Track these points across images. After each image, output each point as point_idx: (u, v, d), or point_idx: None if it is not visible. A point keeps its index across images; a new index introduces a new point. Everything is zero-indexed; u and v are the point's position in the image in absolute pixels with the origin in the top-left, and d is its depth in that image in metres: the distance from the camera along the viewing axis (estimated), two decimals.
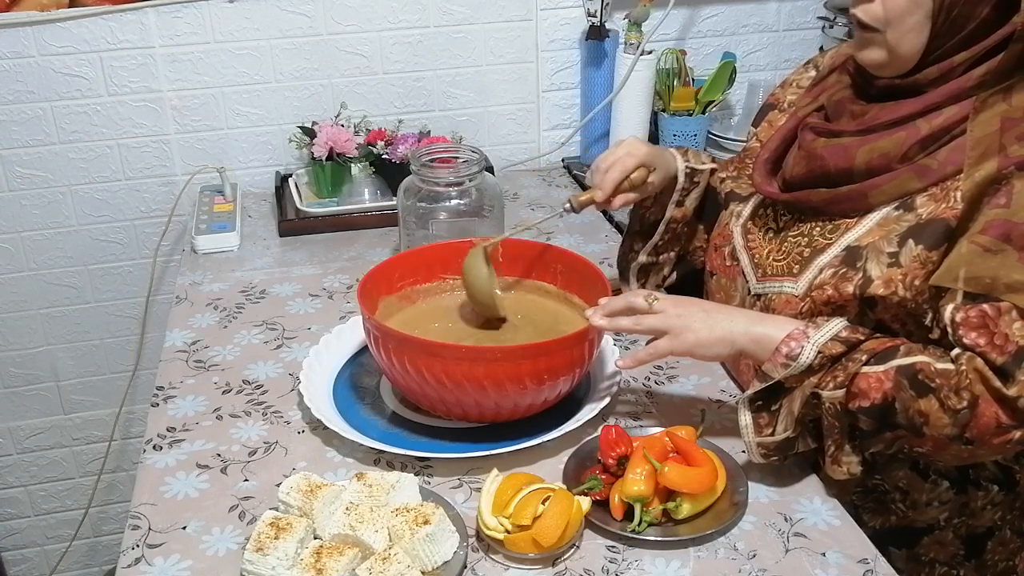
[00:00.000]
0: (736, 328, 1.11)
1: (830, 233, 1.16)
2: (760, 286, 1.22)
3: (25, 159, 1.94)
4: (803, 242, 1.18)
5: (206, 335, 1.48)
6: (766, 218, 1.26)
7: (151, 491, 1.15)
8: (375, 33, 1.98)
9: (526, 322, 1.35)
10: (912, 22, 1.06)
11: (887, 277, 1.08)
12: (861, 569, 1.02)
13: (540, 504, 1.02)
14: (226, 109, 1.98)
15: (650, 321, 1.14)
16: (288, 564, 0.97)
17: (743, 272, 1.26)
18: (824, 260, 1.14)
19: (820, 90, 1.25)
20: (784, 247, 1.21)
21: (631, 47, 1.94)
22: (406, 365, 1.16)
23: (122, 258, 2.07)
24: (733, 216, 1.32)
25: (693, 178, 1.39)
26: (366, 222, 1.85)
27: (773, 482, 1.14)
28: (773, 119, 1.37)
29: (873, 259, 1.09)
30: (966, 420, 0.99)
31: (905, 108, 1.10)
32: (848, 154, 1.13)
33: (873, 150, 1.11)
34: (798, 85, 1.36)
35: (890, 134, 1.10)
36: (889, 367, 1.02)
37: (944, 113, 1.07)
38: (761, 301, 1.22)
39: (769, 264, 1.22)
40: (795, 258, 1.18)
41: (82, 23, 1.86)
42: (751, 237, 1.27)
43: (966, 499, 1.19)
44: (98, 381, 2.18)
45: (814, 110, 1.24)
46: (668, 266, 1.46)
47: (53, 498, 2.28)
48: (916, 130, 1.09)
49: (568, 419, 1.21)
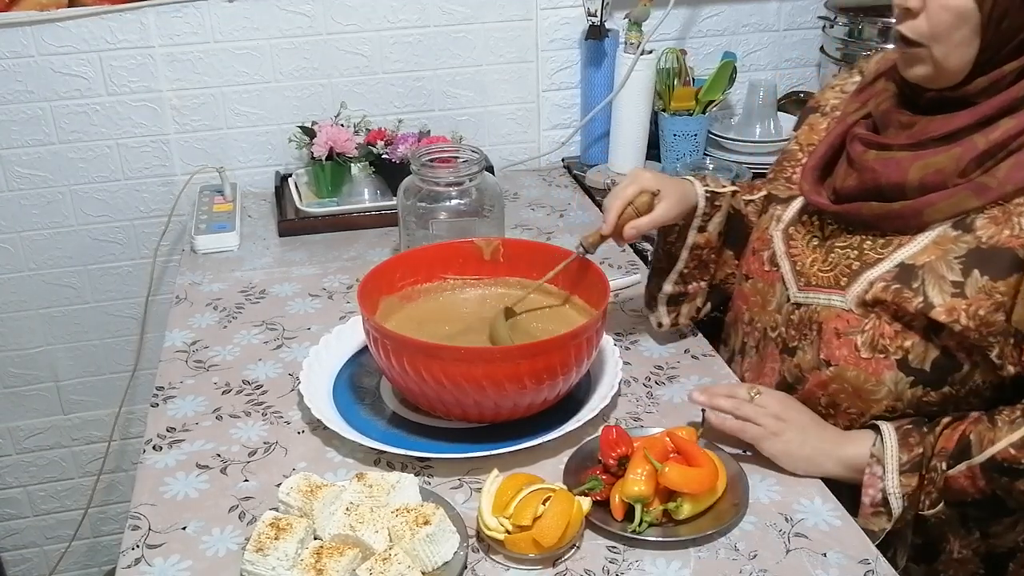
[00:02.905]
0: (824, 448, 1.13)
1: (882, 248, 1.13)
2: (802, 295, 1.20)
3: (24, 159, 1.94)
4: (852, 254, 1.16)
5: (206, 335, 1.48)
6: (810, 225, 1.23)
7: (151, 491, 1.14)
8: (375, 33, 1.98)
9: (526, 322, 1.35)
10: (959, 36, 1.02)
11: (950, 306, 1.06)
12: (862, 569, 1.01)
13: (540, 504, 1.02)
14: (226, 109, 1.98)
15: (749, 411, 1.15)
16: (288, 564, 0.97)
17: (783, 279, 1.23)
18: (874, 274, 1.12)
19: (867, 96, 1.22)
20: (831, 258, 1.18)
21: (631, 47, 1.93)
22: (405, 366, 1.16)
23: (121, 258, 2.07)
24: (773, 220, 1.29)
25: (714, 202, 1.35)
26: (366, 222, 1.85)
27: (774, 482, 1.14)
28: (814, 122, 1.34)
29: (933, 284, 1.07)
30: None
31: (957, 121, 1.07)
32: (901, 169, 1.10)
33: (928, 166, 1.08)
34: (842, 89, 1.33)
35: (945, 149, 1.07)
36: (973, 466, 1.05)
37: (1001, 127, 1.05)
38: (802, 311, 1.19)
39: (813, 274, 1.19)
40: (843, 270, 1.16)
41: (81, 23, 1.86)
42: (793, 243, 1.24)
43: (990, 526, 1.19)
44: (97, 381, 2.18)
45: (861, 118, 1.20)
46: (700, 296, 1.42)
47: (52, 498, 2.28)
48: (973, 145, 1.06)
49: (568, 419, 1.21)
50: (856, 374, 1.13)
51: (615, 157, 2.03)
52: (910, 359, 1.10)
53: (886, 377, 1.12)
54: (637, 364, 1.38)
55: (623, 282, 1.60)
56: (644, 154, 2.03)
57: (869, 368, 1.12)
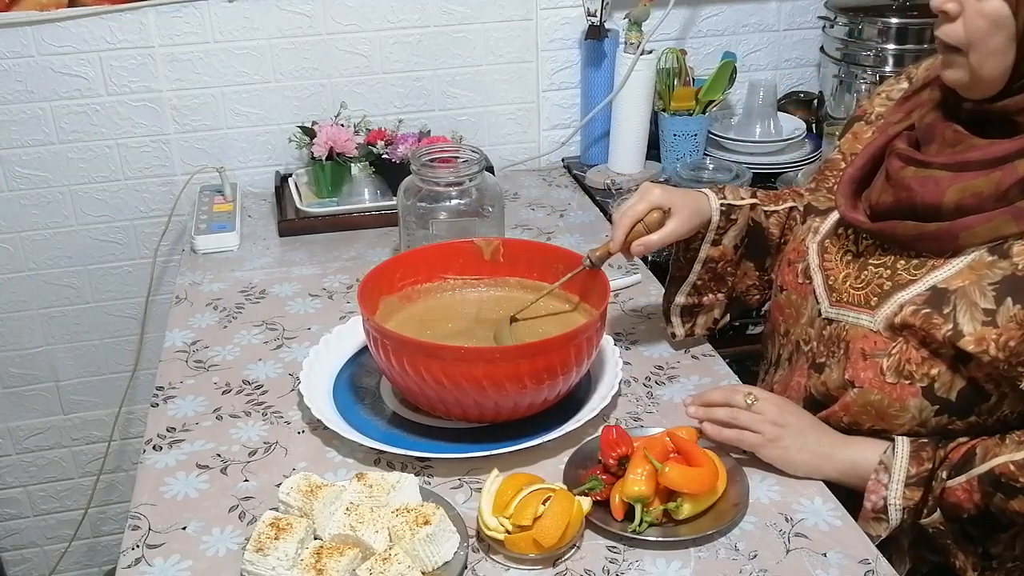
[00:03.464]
0: (823, 451, 1.13)
1: (915, 269, 1.11)
2: (833, 311, 1.18)
3: (24, 159, 1.94)
4: (885, 274, 1.13)
5: (206, 335, 1.48)
6: (846, 240, 1.21)
7: (151, 491, 1.14)
8: (375, 33, 1.98)
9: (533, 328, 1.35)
10: (994, 44, 1.00)
11: (980, 335, 1.03)
12: (862, 569, 1.01)
13: (540, 504, 1.02)
14: (226, 109, 1.98)
15: (746, 419, 1.15)
16: (288, 564, 0.97)
17: (815, 292, 1.21)
18: (905, 296, 1.09)
19: (912, 105, 1.19)
20: (864, 275, 1.16)
21: (631, 47, 1.93)
22: (405, 366, 1.16)
23: (121, 258, 2.07)
24: (810, 232, 1.26)
25: (730, 216, 1.33)
26: (366, 222, 1.85)
27: (774, 482, 1.14)
28: (859, 131, 1.31)
29: (965, 310, 1.05)
30: None
31: (1001, 148, 1.04)
32: (939, 189, 1.07)
33: (965, 189, 1.05)
34: (888, 96, 1.29)
35: (985, 173, 1.05)
36: (971, 477, 1.04)
37: None
38: (832, 327, 1.17)
39: (845, 290, 1.17)
40: (874, 289, 1.14)
41: (81, 23, 1.85)
42: (827, 256, 1.22)
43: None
44: (97, 381, 2.18)
45: (904, 129, 1.17)
46: (718, 308, 1.39)
47: (52, 498, 2.28)
48: (1014, 170, 1.03)
49: (568, 419, 1.21)
50: (880, 398, 1.11)
51: (615, 157, 2.03)
52: (936, 387, 1.08)
53: (910, 404, 1.10)
54: (637, 364, 1.38)
55: (623, 282, 1.60)
56: (644, 154, 2.03)
57: (893, 393, 1.10)
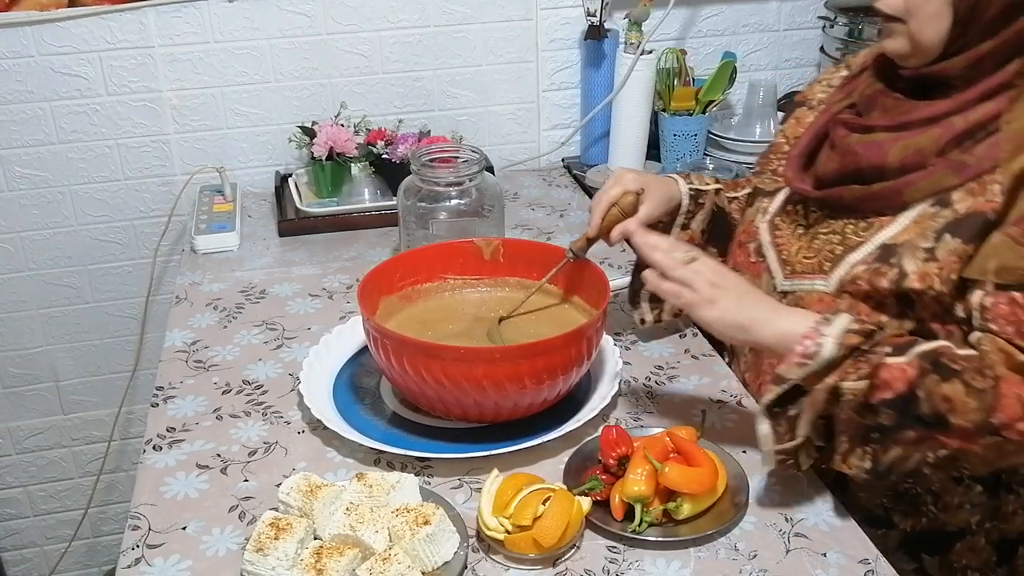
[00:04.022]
0: (759, 317, 1.08)
1: (863, 231, 1.14)
2: (788, 283, 1.20)
3: (24, 159, 1.94)
4: (835, 239, 1.16)
5: (206, 335, 1.48)
6: (795, 215, 1.24)
7: (151, 491, 1.14)
8: (375, 33, 1.98)
9: (526, 322, 1.35)
10: (931, 10, 1.06)
11: (922, 272, 1.06)
12: (862, 570, 1.01)
13: (540, 504, 1.02)
14: (226, 109, 1.98)
15: (683, 273, 1.11)
16: (288, 564, 0.97)
17: (768, 269, 1.24)
18: (857, 257, 1.13)
19: (852, 87, 1.24)
20: (815, 244, 1.19)
21: (631, 47, 1.93)
22: (405, 366, 1.16)
23: (121, 258, 2.07)
24: (759, 212, 1.30)
25: (698, 200, 1.37)
26: (366, 222, 1.85)
27: (774, 482, 1.14)
28: (801, 116, 1.34)
29: (908, 255, 1.08)
30: (990, 402, 0.97)
31: (939, 107, 1.09)
32: (881, 151, 1.11)
33: (907, 147, 1.10)
34: (828, 83, 1.34)
35: (925, 130, 1.09)
36: (912, 355, 1.01)
37: (979, 109, 1.07)
38: (788, 299, 1.19)
39: (799, 261, 1.20)
40: (826, 255, 1.16)
41: (81, 23, 1.86)
42: (779, 234, 1.25)
43: (998, 503, 1.18)
44: (97, 381, 2.18)
45: (846, 107, 1.22)
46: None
47: (52, 498, 2.28)
48: (951, 126, 1.07)
49: (568, 419, 1.21)
50: None
51: (615, 157, 2.03)
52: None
53: None
54: (637, 364, 1.38)
55: (623, 282, 1.59)
56: (644, 154, 2.03)
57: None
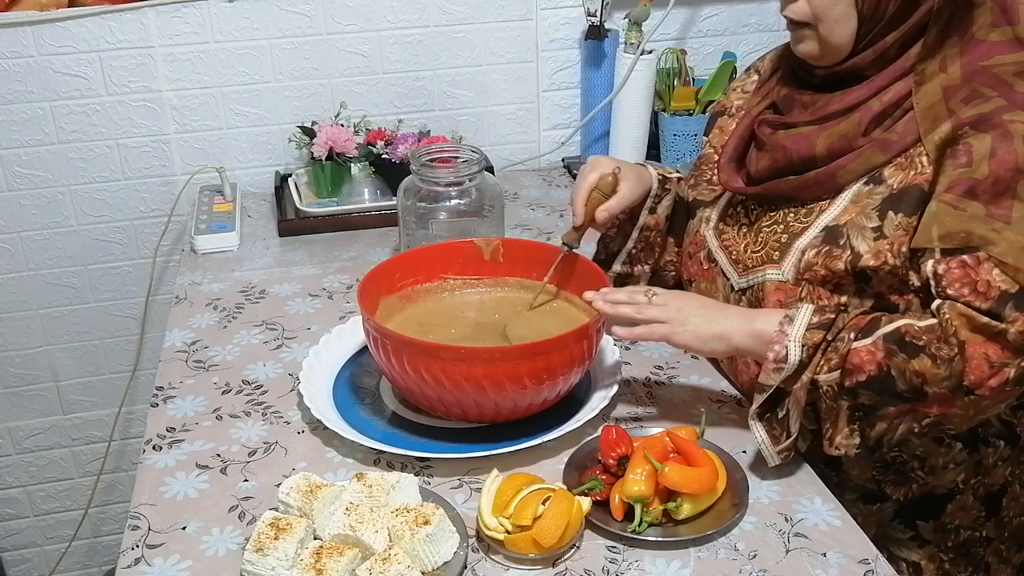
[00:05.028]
0: (731, 325, 1.14)
1: (805, 217, 1.19)
2: (743, 280, 1.24)
3: (24, 159, 1.94)
4: (779, 229, 1.21)
5: (206, 335, 1.48)
6: (737, 215, 1.29)
7: (151, 491, 1.14)
8: (375, 33, 1.98)
9: (526, 322, 1.35)
10: (838, 12, 1.11)
11: (875, 249, 1.11)
12: (862, 569, 1.01)
13: (540, 504, 1.02)
14: (225, 109, 1.98)
15: (652, 312, 1.16)
16: (288, 564, 0.97)
17: (722, 272, 1.28)
18: (804, 242, 1.17)
19: (767, 90, 1.29)
20: (760, 238, 1.23)
21: (631, 47, 1.93)
22: (405, 366, 1.16)
23: (121, 258, 2.07)
24: (702, 222, 1.34)
25: (664, 185, 1.41)
26: (366, 222, 1.85)
27: (774, 482, 1.14)
28: (723, 125, 1.39)
29: (857, 235, 1.13)
30: (959, 367, 1.03)
31: (854, 95, 1.15)
32: (809, 142, 1.17)
33: (832, 134, 1.15)
34: (743, 90, 1.39)
35: (846, 118, 1.15)
36: (876, 337, 1.06)
37: (892, 90, 1.13)
38: (748, 294, 1.23)
39: (748, 257, 1.24)
40: (773, 245, 1.21)
41: (81, 23, 1.86)
42: (725, 237, 1.29)
43: (979, 457, 1.22)
44: (97, 381, 2.18)
45: (765, 108, 1.27)
46: (643, 280, 1.45)
47: (52, 498, 2.28)
48: (869, 109, 1.13)
49: (568, 419, 1.21)
50: None
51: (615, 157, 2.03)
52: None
53: None
54: (637, 364, 1.38)
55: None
56: (644, 154, 2.03)
57: None
